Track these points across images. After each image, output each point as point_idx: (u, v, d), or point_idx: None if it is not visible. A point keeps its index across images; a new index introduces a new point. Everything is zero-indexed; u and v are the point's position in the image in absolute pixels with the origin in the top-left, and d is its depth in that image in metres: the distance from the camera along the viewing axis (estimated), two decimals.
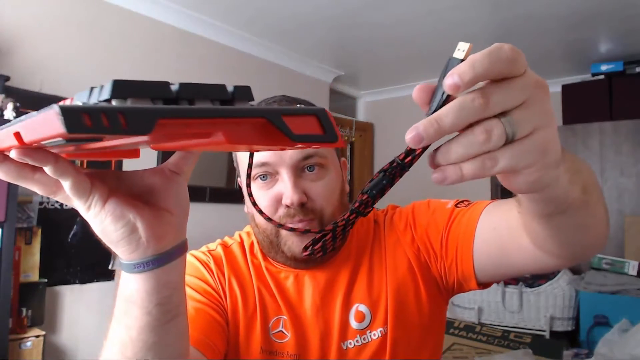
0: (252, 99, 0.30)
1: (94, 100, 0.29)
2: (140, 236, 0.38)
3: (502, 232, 0.61)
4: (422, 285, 0.72)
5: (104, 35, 2.49)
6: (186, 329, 0.46)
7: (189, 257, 0.74)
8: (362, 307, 0.71)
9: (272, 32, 3.15)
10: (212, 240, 0.84)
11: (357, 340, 0.70)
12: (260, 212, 0.63)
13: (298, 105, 0.28)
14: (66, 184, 0.36)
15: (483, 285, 0.67)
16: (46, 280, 2.12)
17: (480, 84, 0.30)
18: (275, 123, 0.28)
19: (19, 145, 0.29)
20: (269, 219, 0.60)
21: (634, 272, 2.86)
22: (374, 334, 0.70)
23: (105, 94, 0.26)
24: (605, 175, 3.35)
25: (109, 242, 0.39)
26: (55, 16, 2.29)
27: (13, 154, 0.31)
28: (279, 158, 0.66)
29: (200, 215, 2.64)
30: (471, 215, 0.67)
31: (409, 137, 0.30)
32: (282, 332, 0.71)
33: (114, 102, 0.26)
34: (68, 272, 2.29)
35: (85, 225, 2.56)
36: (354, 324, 0.70)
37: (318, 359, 0.70)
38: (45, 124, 0.25)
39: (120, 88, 0.25)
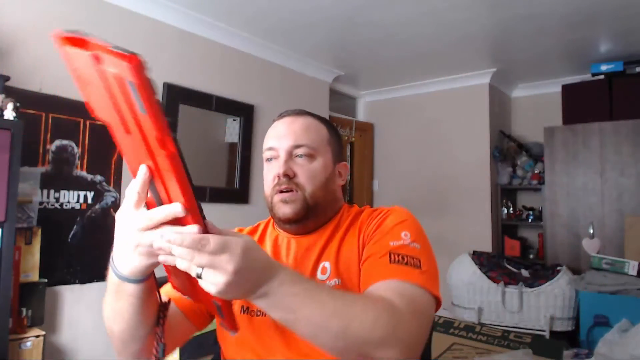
0: None
1: None
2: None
3: None
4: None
5: (104, 35, 2.48)
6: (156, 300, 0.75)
7: None
8: (327, 264, 0.92)
9: (272, 32, 3.15)
10: None
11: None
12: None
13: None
14: None
15: None
16: (46, 280, 2.12)
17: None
18: None
19: None
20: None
21: (634, 272, 2.86)
22: (331, 283, 0.90)
23: None
24: (605, 175, 3.35)
25: (131, 269, 0.63)
26: (55, 16, 2.29)
27: None
28: (279, 144, 0.92)
29: None
30: (376, 272, 0.81)
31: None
32: None
33: None
34: (68, 272, 2.29)
35: (85, 226, 2.54)
36: (319, 275, 0.91)
37: None
38: None
39: None
